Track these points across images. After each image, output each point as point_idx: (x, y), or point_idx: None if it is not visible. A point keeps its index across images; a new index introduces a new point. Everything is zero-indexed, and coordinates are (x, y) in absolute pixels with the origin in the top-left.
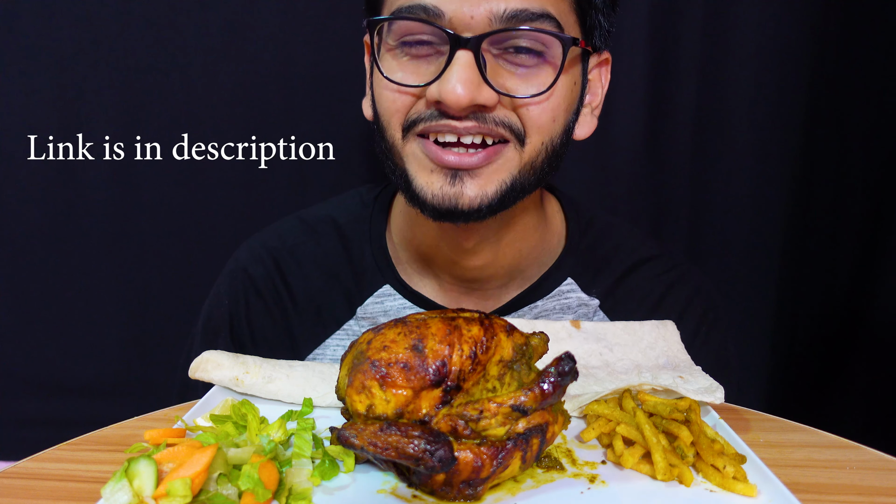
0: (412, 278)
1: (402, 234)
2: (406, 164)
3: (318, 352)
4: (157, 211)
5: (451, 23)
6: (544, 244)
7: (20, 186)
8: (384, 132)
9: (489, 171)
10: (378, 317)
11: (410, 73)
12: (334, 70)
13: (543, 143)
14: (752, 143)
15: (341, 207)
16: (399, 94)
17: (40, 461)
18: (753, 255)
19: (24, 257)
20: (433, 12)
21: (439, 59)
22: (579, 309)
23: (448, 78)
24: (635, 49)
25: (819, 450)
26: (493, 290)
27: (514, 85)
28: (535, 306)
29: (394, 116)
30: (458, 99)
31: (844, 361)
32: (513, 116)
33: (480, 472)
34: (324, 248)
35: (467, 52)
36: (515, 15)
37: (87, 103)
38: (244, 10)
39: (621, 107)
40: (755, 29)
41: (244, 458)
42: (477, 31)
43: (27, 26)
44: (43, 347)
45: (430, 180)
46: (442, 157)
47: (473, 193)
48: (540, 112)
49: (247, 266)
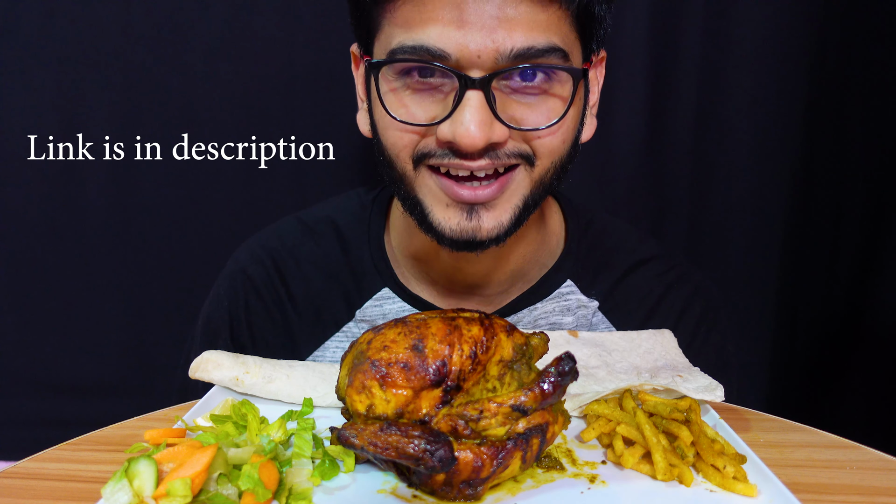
0: (410, 282)
1: (400, 238)
2: (421, 196)
3: (317, 353)
4: (157, 211)
5: (458, 63)
6: (544, 246)
7: (20, 186)
8: (393, 164)
9: (503, 200)
10: (377, 320)
11: (416, 109)
12: (334, 70)
13: (553, 162)
14: (752, 143)
15: (340, 208)
16: (405, 133)
17: (40, 461)
18: (753, 255)
19: (24, 257)
20: (437, 54)
21: (444, 94)
22: (579, 310)
23: (461, 120)
24: (635, 49)
25: (819, 450)
26: (493, 295)
27: (523, 115)
28: (535, 308)
29: (402, 151)
30: (473, 142)
31: (844, 361)
32: (523, 146)
33: (480, 472)
34: (323, 249)
35: (477, 92)
36: (522, 53)
37: (87, 103)
38: (244, 11)
39: (621, 107)
40: (755, 29)
41: (244, 458)
42: (484, 67)
43: (27, 26)
44: (43, 347)
45: (447, 215)
46: (457, 192)
47: (491, 225)
48: (550, 140)
49: (246, 267)
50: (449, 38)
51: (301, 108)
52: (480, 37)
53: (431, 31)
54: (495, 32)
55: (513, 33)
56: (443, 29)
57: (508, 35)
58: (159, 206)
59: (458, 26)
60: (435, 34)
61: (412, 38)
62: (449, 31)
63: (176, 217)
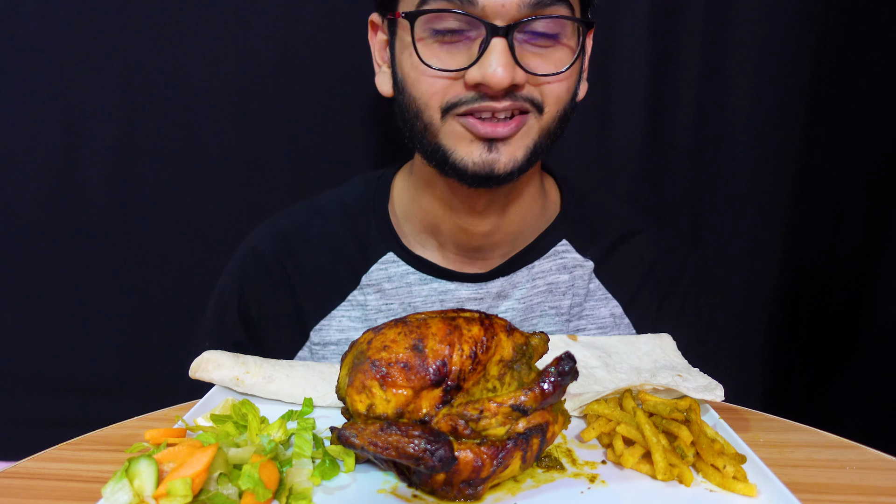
0: (415, 246)
1: (405, 207)
2: (443, 141)
3: (324, 322)
4: (157, 211)
5: (485, 11)
6: (543, 213)
7: (20, 186)
8: (421, 114)
9: (517, 139)
10: (382, 283)
11: (445, 57)
12: (334, 70)
13: (559, 111)
14: (752, 143)
15: (348, 190)
16: (436, 79)
17: (40, 461)
18: (753, 255)
19: (24, 257)
20: (467, 1)
21: (469, 44)
22: (575, 270)
23: (489, 63)
24: (635, 49)
25: (819, 450)
26: (495, 259)
27: (537, 64)
28: (533, 266)
29: (432, 99)
30: (500, 81)
31: (844, 361)
32: (535, 92)
33: (481, 471)
34: (332, 226)
35: (502, 40)
36: (539, 2)
37: (87, 103)
38: (244, 10)
39: (621, 106)
40: (755, 29)
41: (244, 458)
42: (506, 17)
43: (27, 27)
44: (43, 347)
45: (470, 150)
46: (479, 129)
47: (507, 159)
48: (558, 87)
49: (256, 245)
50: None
51: (301, 108)
52: None
53: None
54: None
55: None
56: None
57: None
58: (159, 205)
59: None
60: None
61: None
62: None
63: (176, 217)
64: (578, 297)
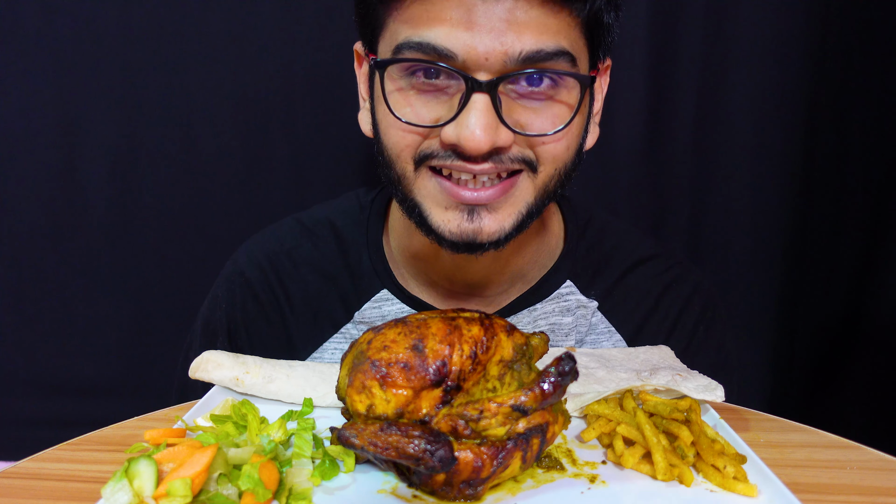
0: (409, 283)
1: (399, 240)
2: (419, 199)
3: (315, 355)
4: (157, 211)
5: (465, 64)
6: (543, 246)
7: (20, 186)
8: (392, 165)
9: (506, 204)
10: (376, 321)
11: (421, 109)
12: (334, 71)
13: (557, 169)
14: (752, 144)
15: (339, 210)
16: (408, 133)
17: (40, 461)
18: (753, 255)
19: (24, 257)
20: (444, 54)
21: (449, 95)
22: (578, 311)
23: (466, 123)
24: (635, 49)
25: (819, 450)
26: (493, 296)
27: (528, 120)
28: (535, 309)
29: (404, 151)
30: (478, 145)
31: (844, 361)
32: (527, 151)
33: (481, 472)
34: (321, 251)
35: (484, 95)
36: (531, 57)
37: (87, 103)
38: (244, 11)
39: (622, 108)
40: (755, 29)
41: (244, 458)
42: (491, 70)
43: (27, 26)
44: (43, 347)
45: (447, 217)
46: (459, 194)
47: (493, 228)
48: (556, 146)
49: (244, 270)
50: (457, 39)
51: (301, 108)
52: (489, 39)
53: (439, 30)
54: (504, 35)
55: (522, 36)
56: (451, 29)
57: (518, 38)
58: (159, 206)
59: (467, 27)
60: (442, 34)
61: (419, 35)
62: (457, 32)
63: (176, 217)
64: (580, 335)
